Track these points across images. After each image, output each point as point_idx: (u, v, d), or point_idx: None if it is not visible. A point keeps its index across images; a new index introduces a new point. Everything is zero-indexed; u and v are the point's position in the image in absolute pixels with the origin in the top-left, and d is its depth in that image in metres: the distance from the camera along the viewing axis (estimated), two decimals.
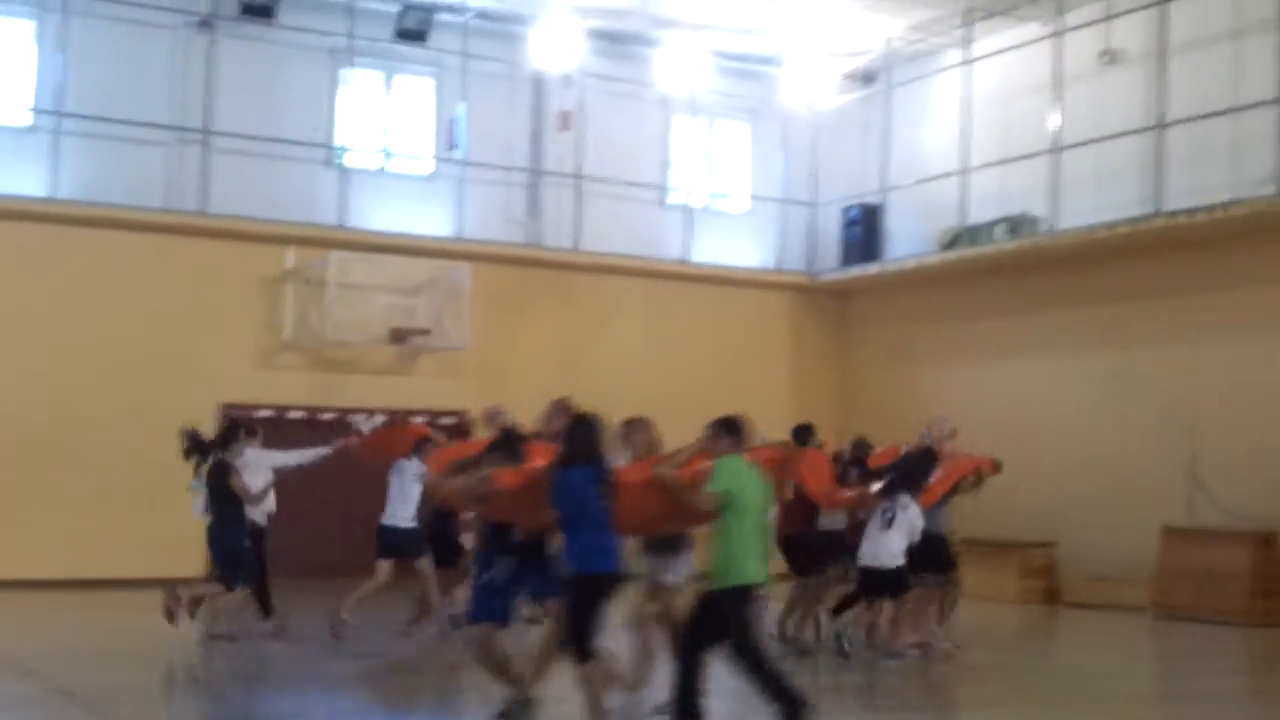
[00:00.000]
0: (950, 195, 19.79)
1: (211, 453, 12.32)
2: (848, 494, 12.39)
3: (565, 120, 20.84)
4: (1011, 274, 19.35)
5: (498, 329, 19.79)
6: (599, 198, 20.88)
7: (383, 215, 19.71)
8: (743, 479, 8.29)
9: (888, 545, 11.81)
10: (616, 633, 8.92)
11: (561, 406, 9.40)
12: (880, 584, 11.98)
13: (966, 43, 19.84)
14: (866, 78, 22.20)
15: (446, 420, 17.46)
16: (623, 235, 20.95)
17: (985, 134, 19.63)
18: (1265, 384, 16.32)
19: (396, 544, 12.80)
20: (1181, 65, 17.27)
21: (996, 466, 13.29)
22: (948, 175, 19.91)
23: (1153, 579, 16.44)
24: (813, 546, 12.64)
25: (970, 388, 19.80)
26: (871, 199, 21.44)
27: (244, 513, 12.24)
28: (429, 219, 20.05)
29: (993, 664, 12.82)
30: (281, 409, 18.50)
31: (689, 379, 20.78)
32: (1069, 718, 10.23)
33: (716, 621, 8.16)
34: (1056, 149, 18.39)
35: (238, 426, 12.67)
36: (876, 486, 12.08)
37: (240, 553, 12.14)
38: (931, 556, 12.29)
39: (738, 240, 22.26)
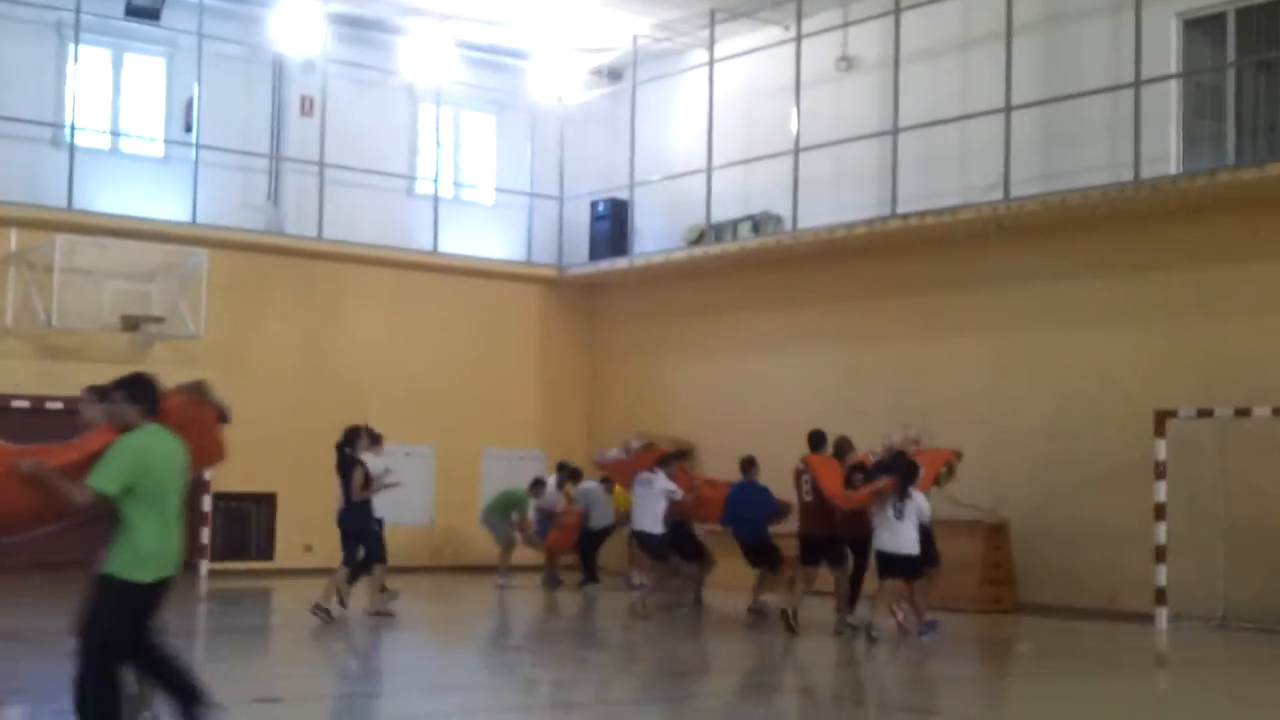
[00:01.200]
0: (697, 193, 20.11)
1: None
2: (860, 494, 13.47)
3: (307, 105, 20.35)
4: (755, 270, 19.83)
5: (236, 317, 19.22)
6: (344, 186, 20.42)
7: (113, 198, 18.91)
8: (151, 457, 6.80)
9: (906, 533, 13.11)
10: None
11: None
12: (902, 568, 13.19)
13: (711, 43, 20.22)
14: (613, 74, 22.44)
15: None
16: (369, 224, 20.58)
17: (730, 133, 20.05)
18: (993, 379, 17.16)
19: (653, 547, 15.78)
20: (913, 73, 18.00)
21: (959, 456, 14.78)
22: (694, 173, 20.24)
23: None
24: (835, 543, 13.91)
25: (716, 380, 20.25)
26: (619, 194, 21.64)
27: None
28: (163, 203, 19.26)
29: (739, 652, 13.14)
30: (4, 398, 17.54)
31: (437, 370, 20.64)
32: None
33: (123, 619, 6.83)
34: (796, 150, 18.93)
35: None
36: (882, 481, 13.34)
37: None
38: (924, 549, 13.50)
39: (486, 232, 22.13)
